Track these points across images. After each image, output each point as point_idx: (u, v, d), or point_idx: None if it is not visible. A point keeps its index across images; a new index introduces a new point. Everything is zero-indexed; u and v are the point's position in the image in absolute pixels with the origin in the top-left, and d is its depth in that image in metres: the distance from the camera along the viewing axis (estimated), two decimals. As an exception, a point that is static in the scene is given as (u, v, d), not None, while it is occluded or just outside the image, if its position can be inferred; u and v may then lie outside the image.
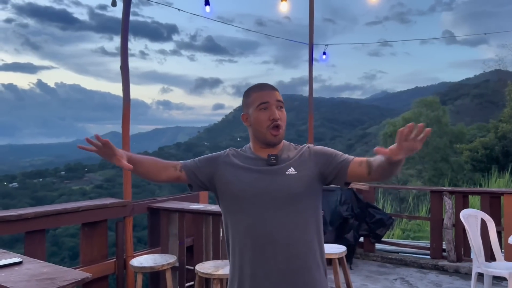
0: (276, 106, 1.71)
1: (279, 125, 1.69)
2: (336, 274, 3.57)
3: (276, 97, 1.72)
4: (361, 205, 5.51)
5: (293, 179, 1.67)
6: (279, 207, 1.64)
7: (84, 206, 3.49)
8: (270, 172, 1.70)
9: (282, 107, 1.73)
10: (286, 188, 1.66)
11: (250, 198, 1.68)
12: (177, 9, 4.38)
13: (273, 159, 1.71)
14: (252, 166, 1.73)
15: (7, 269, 1.92)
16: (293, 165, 1.70)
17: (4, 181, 53.55)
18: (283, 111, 1.74)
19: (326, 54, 6.39)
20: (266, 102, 1.70)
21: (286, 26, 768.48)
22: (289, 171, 1.68)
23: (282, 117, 1.72)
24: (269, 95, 1.71)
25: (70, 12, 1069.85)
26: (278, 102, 1.72)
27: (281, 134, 1.72)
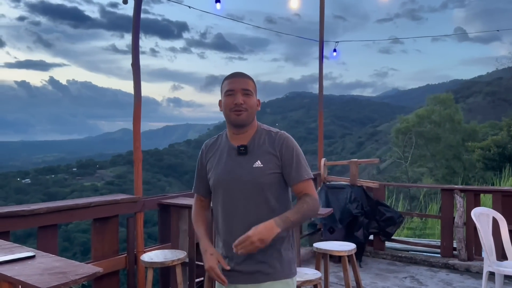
0: (242, 93, 1.88)
1: (240, 109, 1.86)
2: (346, 271, 3.56)
3: (242, 85, 1.89)
4: (371, 203, 5.49)
5: (259, 172, 1.86)
6: (247, 196, 1.87)
7: (95, 202, 3.52)
8: (240, 162, 1.90)
9: (248, 94, 1.89)
10: (252, 179, 1.86)
11: (223, 186, 1.92)
12: (187, 6, 4.39)
13: (242, 149, 1.91)
14: (225, 156, 1.94)
15: (21, 263, 1.94)
16: (260, 158, 1.88)
17: (17, 177, 54.32)
18: (251, 97, 1.90)
19: (336, 51, 6.36)
20: (231, 90, 1.88)
21: (296, 23, 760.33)
22: (256, 164, 1.87)
23: (248, 102, 1.88)
24: (236, 82, 1.90)
25: (81, 10, 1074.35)
26: (244, 90, 1.88)
27: (244, 116, 1.88)
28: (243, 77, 1.93)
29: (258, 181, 1.86)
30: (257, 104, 1.97)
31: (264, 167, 1.86)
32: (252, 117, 1.93)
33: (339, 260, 4.83)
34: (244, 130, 1.93)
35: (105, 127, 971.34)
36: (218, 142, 2.02)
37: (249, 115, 1.90)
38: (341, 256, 3.58)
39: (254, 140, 1.93)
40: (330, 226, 5.31)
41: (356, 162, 5.69)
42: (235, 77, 1.93)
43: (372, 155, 48.26)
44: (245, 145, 1.91)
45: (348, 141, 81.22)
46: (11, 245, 2.24)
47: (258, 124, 2.00)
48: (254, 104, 1.92)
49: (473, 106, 55.27)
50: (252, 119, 1.93)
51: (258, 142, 1.92)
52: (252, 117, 1.92)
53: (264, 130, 1.96)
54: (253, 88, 1.93)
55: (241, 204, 1.88)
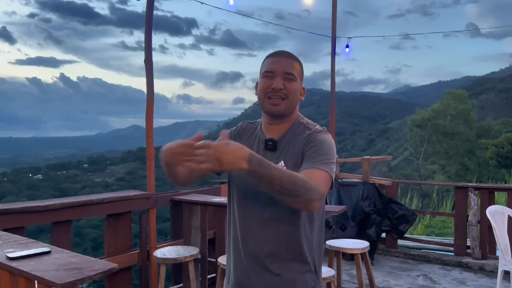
0: (283, 77, 1.54)
1: (278, 95, 1.53)
2: (359, 269, 3.53)
3: (285, 67, 1.55)
4: (384, 200, 5.45)
5: None
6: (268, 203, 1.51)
7: (108, 198, 3.54)
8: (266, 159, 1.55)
9: (291, 79, 1.55)
10: None
11: (239, 188, 1.60)
12: (200, 2, 4.38)
13: (270, 144, 1.58)
14: (253, 148, 1.59)
15: (36, 258, 1.95)
16: (286, 157, 1.55)
17: (29, 173, 54.95)
18: (293, 83, 1.56)
19: (349, 47, 6.31)
20: (271, 71, 1.55)
21: (306, 19, 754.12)
22: (279, 164, 1.52)
23: (289, 88, 1.54)
24: (278, 63, 1.56)
25: (91, 6, 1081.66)
26: (287, 74, 1.55)
27: (282, 105, 1.54)
28: (288, 58, 1.58)
29: None
30: (301, 92, 1.63)
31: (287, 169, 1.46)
32: (292, 108, 1.58)
33: (351, 258, 4.81)
34: (279, 121, 1.59)
35: (115, 124, 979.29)
36: (254, 130, 1.69)
37: (288, 105, 1.56)
38: (354, 254, 3.55)
39: (287, 135, 1.59)
40: (342, 223, 5.28)
41: (368, 159, 5.65)
42: (279, 56, 1.59)
43: (383, 152, 47.98)
44: (275, 139, 1.58)
45: (359, 138, 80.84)
46: (27, 240, 2.26)
47: (298, 116, 1.65)
48: (297, 92, 1.58)
49: (485, 103, 54.65)
50: (292, 110, 1.59)
51: (290, 138, 1.59)
52: (292, 107, 1.58)
53: (302, 124, 1.61)
54: (298, 72, 1.59)
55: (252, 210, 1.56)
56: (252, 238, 1.55)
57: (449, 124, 24.28)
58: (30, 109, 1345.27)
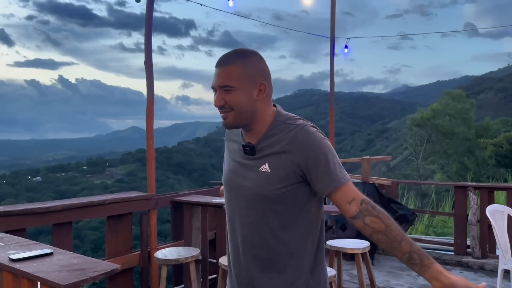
0: (221, 91, 1.45)
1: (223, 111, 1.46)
2: (359, 269, 3.54)
3: (219, 80, 1.44)
4: (384, 200, 5.46)
5: (264, 178, 1.44)
6: (251, 206, 1.48)
7: (109, 199, 3.55)
8: (245, 165, 1.50)
9: (229, 91, 1.43)
10: (256, 187, 1.45)
11: (229, 191, 1.58)
12: (199, 4, 4.39)
13: (247, 149, 1.49)
14: (234, 153, 1.57)
15: (39, 260, 1.96)
16: (269, 160, 1.45)
17: (28, 175, 54.91)
18: (232, 93, 1.43)
19: (348, 47, 6.33)
20: (212, 87, 1.48)
21: (304, 20, 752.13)
22: (263, 167, 1.45)
23: (229, 100, 1.43)
24: (216, 76, 1.46)
25: (89, 8, 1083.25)
26: (223, 88, 1.44)
27: (230, 119, 1.46)
28: (224, 65, 1.45)
29: (263, 188, 1.44)
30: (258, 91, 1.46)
31: (271, 172, 1.43)
32: (247, 115, 1.46)
33: (351, 258, 4.82)
34: (250, 128, 1.50)
35: (114, 125, 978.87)
36: (238, 132, 1.60)
37: (237, 115, 1.45)
38: (354, 254, 3.56)
39: (266, 137, 1.48)
40: (342, 223, 5.29)
41: (368, 159, 5.66)
42: (216, 67, 1.47)
43: (382, 153, 48.03)
44: (252, 144, 1.49)
45: (358, 138, 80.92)
46: (29, 242, 2.26)
47: (276, 114, 1.51)
48: (241, 101, 1.43)
49: (484, 103, 54.73)
50: (248, 117, 1.46)
51: (270, 140, 1.47)
52: (244, 115, 1.45)
53: (281, 122, 1.48)
54: (237, 76, 1.42)
55: (244, 213, 1.51)
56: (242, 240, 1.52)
57: (448, 123, 24.31)
58: (29, 111, 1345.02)
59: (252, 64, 1.46)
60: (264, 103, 1.49)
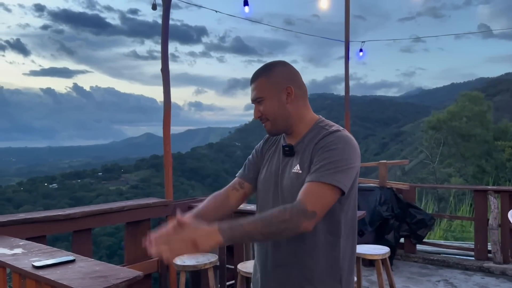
0: (256, 104, 1.59)
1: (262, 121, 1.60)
2: (380, 275, 3.49)
3: (253, 96, 1.59)
4: (402, 205, 5.39)
5: (295, 179, 1.50)
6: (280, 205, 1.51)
7: (128, 206, 3.56)
8: (283, 165, 1.58)
9: (260, 101, 1.57)
10: (289, 187, 1.52)
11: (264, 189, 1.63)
12: (214, 10, 4.41)
13: (286, 150, 1.59)
14: (274, 155, 1.65)
15: (62, 267, 1.98)
16: (301, 161, 1.52)
17: (44, 182, 55.69)
18: (264, 103, 1.56)
19: (363, 51, 6.30)
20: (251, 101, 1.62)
21: (315, 24, 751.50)
22: (295, 168, 1.52)
23: (264, 111, 1.57)
24: (251, 93, 1.61)
25: (102, 17, 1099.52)
26: (255, 101, 1.58)
27: (269, 126, 1.59)
28: (253, 81, 1.60)
29: (295, 190, 1.46)
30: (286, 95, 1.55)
31: (302, 173, 1.49)
32: (282, 120, 1.56)
33: (369, 264, 4.76)
34: (290, 132, 1.60)
35: (129, 132, 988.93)
36: (280, 138, 1.70)
37: (274, 123, 1.57)
38: (375, 260, 3.52)
39: (304, 139, 1.56)
40: (360, 229, 5.23)
41: (385, 163, 5.61)
42: (250, 84, 1.62)
43: (396, 156, 47.56)
44: (291, 144, 1.58)
45: (372, 142, 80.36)
46: (51, 249, 2.28)
47: (317, 120, 1.61)
48: (272, 108, 1.55)
49: (500, 105, 53.89)
50: (285, 121, 1.57)
51: (306, 143, 1.55)
52: (280, 121, 1.57)
53: (320, 127, 1.56)
54: (264, 87, 1.55)
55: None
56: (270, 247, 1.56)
57: (465, 126, 23.98)
58: (45, 119, 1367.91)
59: (275, 73, 1.57)
60: (296, 105, 1.58)
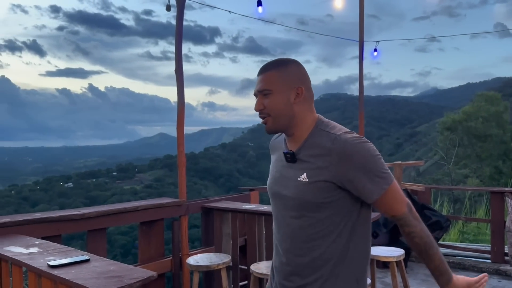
0: (260, 96, 1.51)
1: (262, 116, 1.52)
2: (394, 277, 3.46)
3: (259, 85, 1.51)
4: (417, 206, 5.32)
5: (302, 188, 1.44)
6: (292, 215, 1.49)
7: (142, 206, 3.58)
8: (287, 173, 1.52)
9: (267, 94, 1.49)
10: (296, 196, 1.46)
11: (272, 199, 1.62)
12: (227, 11, 4.42)
13: (288, 157, 1.52)
14: (277, 161, 1.61)
15: (77, 266, 1.99)
16: (307, 170, 1.45)
17: (60, 181, 56.45)
18: (270, 97, 1.49)
19: (377, 51, 6.24)
20: (254, 94, 1.55)
21: (329, 24, 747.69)
22: (302, 177, 1.45)
23: (267, 105, 1.49)
24: (256, 83, 1.54)
25: (117, 18, 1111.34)
26: (261, 92, 1.50)
27: (269, 123, 1.51)
28: (262, 72, 1.52)
29: (302, 199, 1.44)
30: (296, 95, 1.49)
31: (309, 182, 1.43)
32: (284, 120, 1.49)
33: (383, 266, 4.71)
34: (290, 133, 1.53)
35: (143, 132, 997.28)
36: (281, 140, 1.64)
37: (275, 120, 1.50)
38: (389, 262, 3.48)
39: (306, 145, 1.49)
40: (374, 230, 5.18)
41: (400, 164, 5.55)
42: (258, 75, 1.55)
43: (411, 157, 47.05)
44: (292, 151, 1.50)
45: (386, 142, 79.64)
46: (66, 249, 2.31)
47: (317, 122, 1.52)
48: (278, 104, 1.48)
49: (518, 105, 52.91)
50: (285, 122, 1.50)
51: (309, 147, 1.48)
52: (282, 120, 1.49)
53: (322, 131, 1.48)
54: (275, 80, 1.48)
55: (286, 222, 1.52)
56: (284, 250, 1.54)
57: (481, 126, 23.58)
58: (61, 119, 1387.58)
59: (289, 69, 1.51)
60: (302, 108, 1.51)
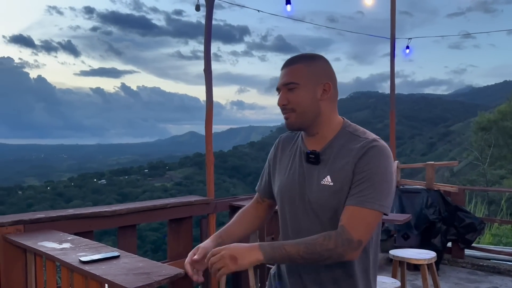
0: (285, 90, 1.44)
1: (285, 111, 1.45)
2: (425, 281, 3.37)
3: (284, 78, 1.44)
4: (450, 208, 5.19)
5: (326, 192, 1.39)
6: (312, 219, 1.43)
7: (171, 203, 3.62)
8: (308, 174, 1.45)
9: (293, 88, 1.42)
10: (319, 199, 1.40)
11: (283, 200, 1.53)
12: (257, 10, 4.42)
13: (312, 157, 1.44)
14: (293, 161, 1.51)
15: (107, 262, 2.03)
16: (332, 172, 1.39)
17: (94, 178, 58.05)
18: (296, 91, 1.42)
19: (409, 48, 6.10)
20: (277, 88, 1.48)
21: (359, 21, 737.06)
22: (325, 180, 1.39)
23: (292, 99, 1.42)
24: (280, 77, 1.47)
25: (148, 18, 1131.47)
26: (286, 86, 1.43)
27: (292, 119, 1.44)
28: (290, 64, 1.45)
29: (326, 203, 1.39)
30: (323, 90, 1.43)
31: (334, 186, 1.38)
32: (309, 116, 1.43)
33: (414, 268, 4.61)
34: (314, 132, 1.46)
35: (173, 130, 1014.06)
36: (295, 140, 1.57)
37: (299, 116, 1.43)
38: (420, 264, 3.40)
39: (332, 146, 1.43)
40: (405, 232, 5.08)
41: (432, 164, 5.40)
42: (282, 68, 1.48)
43: (444, 157, 45.87)
44: (317, 152, 1.43)
45: (418, 142, 77.87)
46: (97, 245, 2.36)
47: (343, 123, 1.48)
48: (304, 99, 1.41)
49: (559, 103, 50.66)
50: (312, 118, 1.43)
51: (336, 150, 1.42)
52: (307, 116, 1.42)
53: (349, 133, 1.44)
54: (302, 74, 1.41)
55: (305, 227, 1.45)
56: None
57: (518, 126, 22.74)
58: (95, 118, 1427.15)
59: (318, 64, 1.46)
60: (329, 105, 1.46)
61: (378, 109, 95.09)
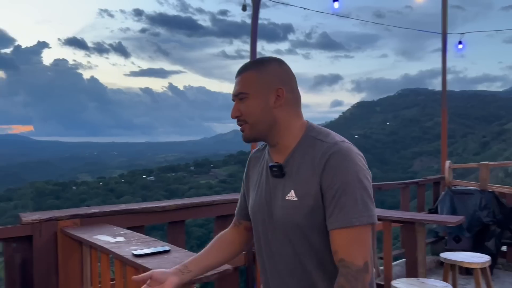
0: (237, 100, 1.34)
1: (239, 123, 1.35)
2: (478, 285, 3.25)
3: (235, 90, 1.34)
4: (505, 210, 4.95)
5: (291, 208, 1.27)
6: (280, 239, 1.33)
7: (217, 200, 3.69)
8: (273, 190, 1.35)
9: (243, 98, 1.31)
10: (282, 216, 1.30)
11: (255, 220, 1.43)
12: (302, 8, 4.40)
13: (275, 170, 1.33)
14: (261, 177, 1.41)
15: (158, 256, 2.10)
16: (296, 186, 1.27)
17: (143, 174, 59.96)
18: (246, 101, 1.31)
19: (462, 43, 5.87)
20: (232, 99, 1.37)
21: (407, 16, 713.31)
22: (289, 195, 1.27)
23: (243, 110, 1.32)
24: (234, 88, 1.36)
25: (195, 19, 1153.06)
26: (237, 96, 1.33)
27: (247, 131, 1.34)
28: (240, 74, 1.35)
29: (292, 220, 1.27)
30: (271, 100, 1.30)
31: (298, 201, 1.25)
32: (263, 128, 1.32)
33: (466, 272, 4.44)
34: (274, 143, 1.34)
35: (218, 129, 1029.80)
36: (263, 155, 1.45)
37: (253, 127, 1.32)
38: (472, 268, 3.27)
39: (294, 156, 1.31)
40: (456, 234, 4.90)
41: (486, 165, 5.18)
42: (236, 76, 1.37)
43: (499, 157, 43.68)
44: (280, 164, 1.32)
45: (471, 141, 74.51)
46: (149, 239, 2.44)
47: (306, 128, 1.34)
48: (255, 109, 1.30)
49: None
50: (267, 128, 1.32)
51: (299, 159, 1.29)
52: (261, 127, 1.32)
53: (312, 138, 1.30)
54: (252, 82, 1.31)
55: (276, 250, 1.35)
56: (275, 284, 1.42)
57: None
58: (144, 117, 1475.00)
59: (268, 69, 1.34)
60: (285, 112, 1.33)
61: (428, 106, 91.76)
